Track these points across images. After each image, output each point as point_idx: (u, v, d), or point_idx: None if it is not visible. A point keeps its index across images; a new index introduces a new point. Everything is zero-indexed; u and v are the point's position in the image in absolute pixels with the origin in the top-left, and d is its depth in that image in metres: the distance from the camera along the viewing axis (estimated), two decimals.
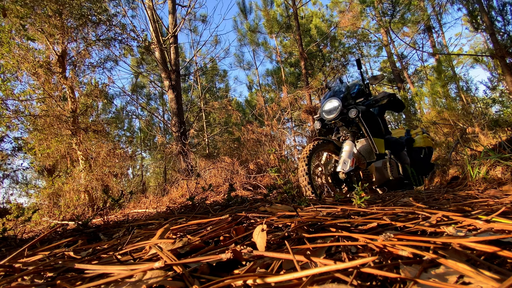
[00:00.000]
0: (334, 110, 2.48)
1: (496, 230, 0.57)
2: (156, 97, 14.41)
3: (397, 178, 2.47)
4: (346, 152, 2.27)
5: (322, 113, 2.56)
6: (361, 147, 2.60)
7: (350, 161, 2.22)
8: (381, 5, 9.71)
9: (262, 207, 1.16)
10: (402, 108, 2.90)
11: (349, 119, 2.45)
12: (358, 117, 2.39)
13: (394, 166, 2.48)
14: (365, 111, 2.46)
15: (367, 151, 2.54)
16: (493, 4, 6.49)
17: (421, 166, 2.85)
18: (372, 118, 2.52)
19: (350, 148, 2.30)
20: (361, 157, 2.53)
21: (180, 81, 7.03)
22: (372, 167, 2.43)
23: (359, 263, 0.41)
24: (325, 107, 2.55)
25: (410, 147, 2.93)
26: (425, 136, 2.98)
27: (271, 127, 6.86)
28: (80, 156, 5.65)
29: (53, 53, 5.79)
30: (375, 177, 2.41)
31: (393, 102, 2.71)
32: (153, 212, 2.51)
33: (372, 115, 2.56)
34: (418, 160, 2.85)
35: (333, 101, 2.50)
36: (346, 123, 2.55)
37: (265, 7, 11.06)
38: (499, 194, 1.28)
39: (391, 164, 2.45)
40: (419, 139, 2.96)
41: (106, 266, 0.54)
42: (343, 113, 2.47)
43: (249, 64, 13.05)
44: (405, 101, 10.55)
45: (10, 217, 3.59)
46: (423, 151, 2.90)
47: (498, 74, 10.48)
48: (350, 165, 2.20)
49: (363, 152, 2.57)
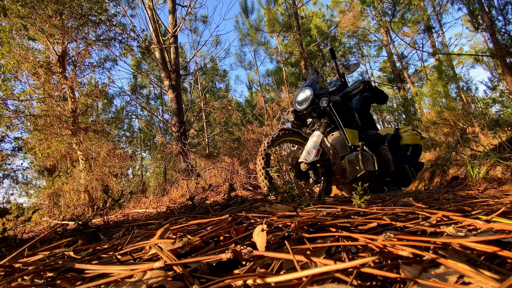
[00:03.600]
0: (306, 100, 2.36)
1: (496, 230, 0.57)
2: (156, 97, 14.41)
3: (372, 173, 2.31)
4: (312, 142, 2.14)
5: (295, 104, 2.44)
6: (334, 140, 2.47)
7: (315, 151, 2.08)
8: (381, 5, 9.71)
9: (262, 207, 1.16)
10: (385, 99, 2.78)
11: (321, 109, 2.33)
12: (329, 106, 2.26)
13: (368, 159, 2.32)
14: (337, 101, 2.34)
15: (341, 144, 2.41)
16: (494, 4, 6.49)
17: (408, 165, 2.70)
18: (345, 108, 2.39)
19: (317, 139, 2.17)
20: (335, 150, 2.40)
21: (180, 81, 7.03)
22: (345, 160, 2.31)
23: (359, 263, 0.41)
24: (298, 97, 2.43)
25: (397, 144, 2.79)
26: (414, 133, 2.83)
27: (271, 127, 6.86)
28: (80, 156, 5.66)
29: (53, 53, 5.79)
30: (348, 171, 2.29)
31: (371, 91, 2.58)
32: (153, 212, 2.51)
33: (345, 105, 2.42)
34: (404, 158, 2.70)
35: (305, 91, 2.39)
36: (319, 114, 2.42)
37: (268, 5, 11.07)
38: (499, 194, 1.28)
39: (364, 156, 2.28)
40: (406, 136, 2.81)
41: (106, 266, 0.54)
42: (314, 103, 2.34)
43: (250, 64, 13.08)
44: (405, 101, 10.54)
45: (10, 217, 3.59)
46: (410, 148, 2.74)
47: (498, 74, 10.48)
48: (314, 156, 2.06)
49: (336, 145, 2.44)
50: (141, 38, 6.75)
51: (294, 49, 11.64)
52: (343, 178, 2.34)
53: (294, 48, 11.58)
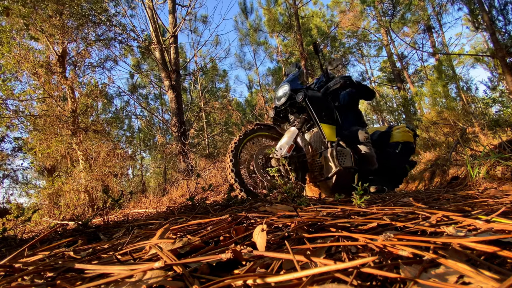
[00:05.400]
0: (284, 95, 2.31)
1: (496, 230, 0.57)
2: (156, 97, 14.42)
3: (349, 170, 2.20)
4: (285, 138, 2.10)
5: (275, 99, 2.40)
6: (312, 136, 2.41)
7: (288, 147, 2.03)
8: (382, 5, 9.71)
9: (262, 207, 1.16)
10: (371, 95, 2.70)
11: (299, 105, 2.27)
12: (304, 101, 2.19)
13: (345, 155, 2.23)
14: (314, 96, 2.27)
15: (319, 140, 2.34)
16: (494, 3, 6.49)
17: (395, 163, 2.56)
18: (323, 103, 2.31)
19: (291, 134, 2.11)
20: (313, 147, 2.34)
21: (180, 81, 7.03)
22: (322, 157, 2.24)
23: (359, 263, 0.41)
24: (277, 93, 2.38)
25: (385, 142, 2.68)
26: (406, 130, 2.69)
27: None
28: (80, 156, 5.66)
29: (53, 53, 5.80)
30: (324, 168, 2.22)
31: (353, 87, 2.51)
32: (153, 212, 2.51)
33: (323, 100, 2.35)
34: (393, 156, 2.56)
35: (284, 86, 2.34)
36: (297, 109, 2.36)
37: (268, 6, 11.06)
38: (499, 194, 1.28)
39: (340, 152, 2.20)
40: (396, 134, 2.68)
41: (106, 266, 0.54)
42: (292, 98, 2.28)
43: (250, 64, 13.07)
44: (405, 101, 10.54)
45: (10, 217, 3.59)
46: (399, 146, 2.60)
47: (498, 74, 10.48)
48: (286, 151, 2.00)
49: (315, 142, 2.37)
50: (141, 38, 6.76)
51: (294, 49, 11.64)
52: (320, 175, 2.27)
53: (294, 48, 11.59)
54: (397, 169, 2.58)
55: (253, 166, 2.07)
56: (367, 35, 12.67)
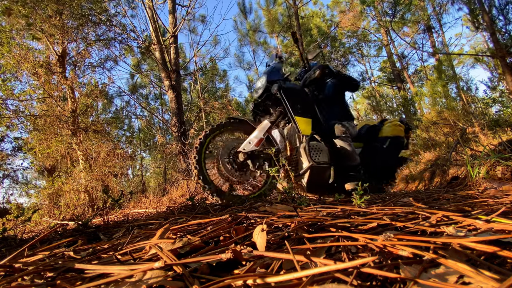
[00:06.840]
0: (261, 87, 2.23)
1: (496, 230, 0.57)
2: (156, 97, 14.42)
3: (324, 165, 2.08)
4: (256, 131, 2.01)
5: (253, 92, 2.32)
6: (289, 130, 2.30)
7: (256, 141, 1.95)
8: (382, 5, 9.71)
9: (262, 207, 1.16)
10: (356, 85, 2.60)
11: (275, 97, 2.17)
12: (279, 93, 2.10)
13: (321, 150, 2.10)
14: (289, 87, 2.18)
15: (294, 134, 2.23)
16: (494, 3, 6.48)
17: (384, 160, 2.42)
18: (298, 95, 2.22)
19: (262, 128, 2.02)
20: (291, 142, 2.23)
21: (180, 81, 7.03)
22: (298, 152, 2.13)
23: (359, 263, 0.41)
24: (255, 85, 2.31)
25: (374, 136, 2.53)
26: (396, 124, 2.52)
27: None
28: (80, 156, 5.66)
29: (53, 53, 5.80)
30: (298, 163, 2.11)
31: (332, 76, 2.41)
32: (153, 212, 2.51)
33: (298, 92, 2.25)
34: (380, 151, 2.41)
35: (261, 78, 2.26)
36: (274, 102, 2.26)
37: (267, 6, 11.06)
38: (499, 194, 1.28)
39: (312, 147, 2.07)
40: (386, 128, 2.51)
41: (106, 266, 0.54)
42: (269, 90, 2.19)
43: (249, 64, 13.07)
44: (405, 101, 10.53)
45: (10, 217, 3.59)
46: (387, 141, 2.43)
47: (498, 74, 10.47)
48: (254, 145, 1.92)
49: (291, 136, 2.26)
50: (141, 38, 6.75)
51: (294, 49, 11.64)
52: (296, 171, 2.16)
53: (294, 48, 11.58)
54: (384, 165, 2.44)
55: (218, 161, 1.96)
56: (367, 35, 12.67)
